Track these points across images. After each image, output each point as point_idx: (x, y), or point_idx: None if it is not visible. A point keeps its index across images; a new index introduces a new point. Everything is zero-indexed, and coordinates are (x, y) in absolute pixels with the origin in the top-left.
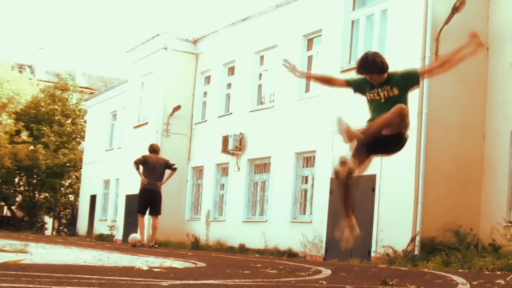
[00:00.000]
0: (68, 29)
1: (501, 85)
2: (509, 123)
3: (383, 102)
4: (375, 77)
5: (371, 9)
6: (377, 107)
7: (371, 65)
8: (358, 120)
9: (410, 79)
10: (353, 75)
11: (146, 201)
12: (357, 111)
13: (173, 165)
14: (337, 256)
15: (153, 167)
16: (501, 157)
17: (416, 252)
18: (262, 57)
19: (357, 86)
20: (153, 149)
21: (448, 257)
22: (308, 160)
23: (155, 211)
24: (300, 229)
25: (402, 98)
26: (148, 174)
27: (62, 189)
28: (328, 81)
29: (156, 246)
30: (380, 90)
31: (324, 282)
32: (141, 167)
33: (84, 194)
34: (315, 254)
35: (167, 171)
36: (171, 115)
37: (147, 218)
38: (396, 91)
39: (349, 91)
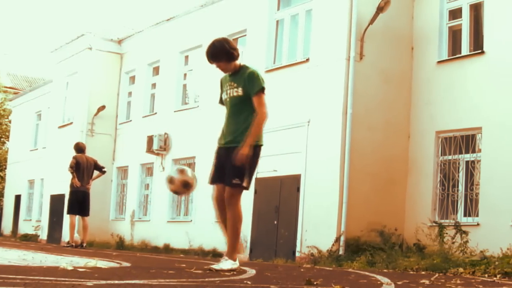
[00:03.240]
0: None
1: (425, 85)
2: (434, 123)
3: (228, 102)
4: (223, 66)
5: (296, 9)
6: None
7: (218, 50)
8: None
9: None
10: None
11: (77, 201)
12: (282, 109)
13: (103, 167)
14: (262, 256)
15: (84, 169)
16: (426, 157)
17: (340, 252)
18: (186, 57)
19: (221, 98)
20: (80, 148)
21: (372, 257)
22: None
23: (85, 212)
24: None
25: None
26: (80, 176)
27: None
28: None
29: (85, 245)
30: (232, 83)
31: (249, 282)
32: None
33: (8, 194)
34: (239, 254)
35: (95, 171)
36: (95, 115)
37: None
38: (241, 92)
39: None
